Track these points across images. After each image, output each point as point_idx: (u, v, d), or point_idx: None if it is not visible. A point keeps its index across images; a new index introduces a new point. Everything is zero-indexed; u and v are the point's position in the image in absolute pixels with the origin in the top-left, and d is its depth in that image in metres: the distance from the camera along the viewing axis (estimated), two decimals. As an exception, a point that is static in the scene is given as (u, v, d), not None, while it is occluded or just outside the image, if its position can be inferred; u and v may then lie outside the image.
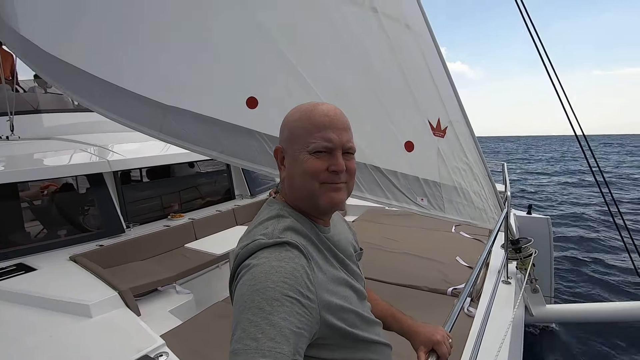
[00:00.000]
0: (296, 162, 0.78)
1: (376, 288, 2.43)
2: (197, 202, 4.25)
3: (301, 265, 0.68)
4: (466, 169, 2.20)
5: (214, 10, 1.89)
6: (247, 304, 0.61)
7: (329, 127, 0.77)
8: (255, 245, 0.70)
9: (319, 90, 1.92)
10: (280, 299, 0.61)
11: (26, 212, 3.21)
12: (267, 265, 0.65)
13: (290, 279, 0.64)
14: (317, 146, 0.76)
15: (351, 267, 0.86)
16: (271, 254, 0.68)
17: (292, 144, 0.79)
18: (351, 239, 0.97)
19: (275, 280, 0.63)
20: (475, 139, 2.26)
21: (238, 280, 0.68)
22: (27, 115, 3.95)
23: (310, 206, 0.80)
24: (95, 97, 2.07)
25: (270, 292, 0.61)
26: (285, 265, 0.66)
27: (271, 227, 0.74)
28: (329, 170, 0.77)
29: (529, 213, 4.14)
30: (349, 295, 0.79)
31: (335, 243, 0.84)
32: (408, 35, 2.06)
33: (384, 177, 2.03)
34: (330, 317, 0.71)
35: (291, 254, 0.69)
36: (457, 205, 2.14)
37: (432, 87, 2.12)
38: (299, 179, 0.78)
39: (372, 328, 0.85)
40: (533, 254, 2.27)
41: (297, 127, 0.78)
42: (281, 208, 0.80)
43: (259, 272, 0.64)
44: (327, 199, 0.78)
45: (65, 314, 1.94)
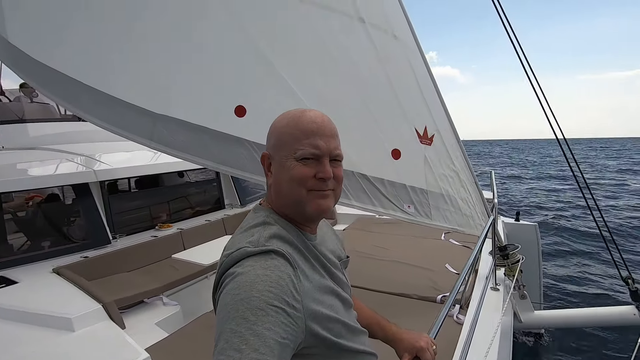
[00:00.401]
0: (283, 168, 0.77)
1: (366, 296, 2.44)
2: (186, 212, 4.20)
3: (287, 273, 0.67)
4: (453, 176, 2.22)
5: (203, 21, 1.90)
6: (230, 314, 0.59)
7: (317, 133, 0.76)
8: (240, 254, 0.69)
9: (306, 99, 1.93)
10: (265, 308, 0.59)
11: (9, 223, 3.14)
12: (252, 273, 0.64)
13: (276, 287, 0.63)
14: (305, 153, 0.75)
15: (337, 275, 0.85)
16: (256, 262, 0.67)
17: (279, 150, 0.78)
18: (337, 246, 0.97)
19: (260, 289, 0.61)
20: (461, 147, 2.29)
21: (222, 289, 0.66)
22: (11, 124, 3.88)
23: (297, 213, 0.79)
24: (85, 104, 2.05)
25: (254, 302, 0.60)
26: (270, 273, 0.65)
27: (257, 235, 0.73)
28: (317, 178, 0.76)
29: (517, 220, 4.18)
30: (335, 304, 0.78)
31: (321, 251, 0.83)
32: (395, 45, 2.10)
33: (371, 184, 2.04)
34: (316, 327, 0.70)
35: (277, 262, 0.68)
36: (444, 212, 2.16)
37: (419, 96, 2.15)
38: (285, 186, 0.77)
39: (358, 338, 0.84)
40: (520, 260, 2.29)
41: (285, 134, 0.78)
42: (267, 215, 0.79)
43: (243, 280, 0.63)
44: (315, 206, 0.77)
45: (46, 328, 1.89)
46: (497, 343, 1.61)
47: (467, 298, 2.16)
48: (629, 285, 2.43)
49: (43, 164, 3.34)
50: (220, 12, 1.88)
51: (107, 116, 2.02)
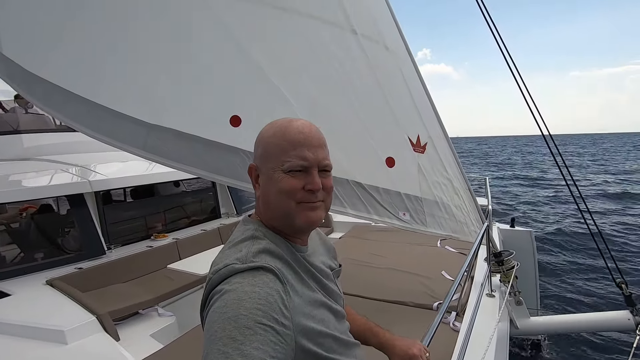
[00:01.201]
0: (271, 180, 0.76)
1: (362, 304, 2.44)
2: (181, 222, 4.19)
3: (276, 290, 0.66)
4: (447, 183, 2.24)
5: (197, 32, 1.92)
6: (217, 333, 0.58)
7: (304, 144, 0.75)
8: (227, 271, 0.67)
9: (300, 108, 1.96)
10: (253, 327, 0.58)
11: (2, 235, 3.11)
12: (240, 291, 0.63)
13: (264, 305, 0.62)
14: (293, 165, 0.74)
15: (329, 286, 0.84)
16: (244, 279, 0.65)
17: (267, 162, 0.77)
18: (329, 256, 0.97)
19: (248, 307, 0.60)
20: (455, 154, 2.32)
21: (209, 307, 0.65)
22: (6, 135, 3.87)
23: (286, 226, 0.78)
24: (76, 114, 2.05)
25: (242, 320, 0.58)
26: (259, 290, 0.64)
27: (245, 250, 0.72)
28: (305, 189, 0.75)
29: (512, 226, 4.20)
30: (327, 318, 0.77)
31: (312, 263, 0.82)
32: (387, 55, 2.13)
33: (366, 192, 2.05)
34: (306, 343, 0.69)
35: (265, 279, 0.66)
36: (438, 220, 2.17)
37: (411, 105, 2.18)
38: (274, 198, 0.76)
39: (350, 350, 0.83)
40: (515, 267, 2.30)
41: (272, 145, 0.77)
42: (256, 228, 0.78)
43: (231, 298, 0.62)
44: (304, 218, 0.76)
45: (39, 341, 1.87)
46: (493, 349, 1.61)
47: (463, 305, 2.16)
48: (622, 290, 2.44)
49: (38, 175, 3.33)
50: (214, 25, 1.91)
51: (98, 126, 2.02)
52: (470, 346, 1.58)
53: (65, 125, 4.56)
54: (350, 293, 2.60)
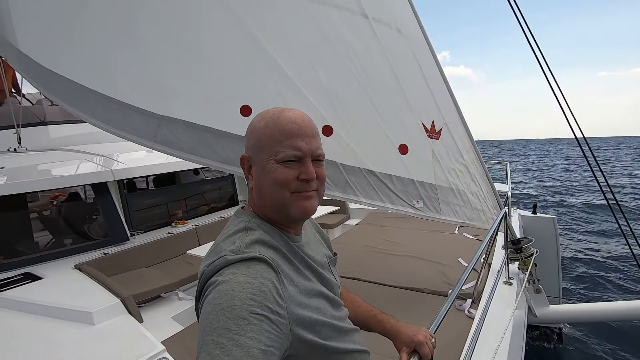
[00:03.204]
0: (264, 171, 0.76)
1: (377, 291, 2.45)
2: (201, 209, 4.29)
3: (269, 279, 0.66)
4: (463, 169, 2.19)
5: (207, 22, 1.92)
6: (212, 324, 0.58)
7: (297, 134, 0.75)
8: (221, 262, 0.67)
9: (311, 96, 1.94)
10: (247, 317, 0.58)
11: (34, 222, 3.28)
12: (234, 282, 0.63)
13: (258, 295, 0.62)
14: (286, 155, 0.74)
15: (324, 275, 0.84)
16: (238, 270, 0.65)
17: (260, 153, 0.77)
18: (324, 245, 0.97)
19: (242, 297, 0.60)
20: (472, 140, 2.26)
21: (204, 299, 0.65)
22: (34, 127, 4.04)
23: (281, 216, 0.79)
24: (90, 109, 2.12)
25: (237, 311, 0.58)
26: (252, 280, 0.64)
27: (238, 242, 0.72)
28: (299, 179, 0.75)
29: (534, 213, 4.09)
30: (322, 307, 0.77)
31: (307, 252, 0.82)
32: (400, 39, 2.07)
33: (378, 180, 2.04)
34: (302, 332, 0.69)
35: (259, 268, 0.67)
36: (453, 207, 2.14)
37: (425, 90, 2.12)
38: (268, 189, 0.76)
39: (348, 337, 0.84)
40: (534, 254, 2.24)
41: (265, 135, 0.76)
42: (249, 220, 0.78)
43: (225, 289, 0.62)
44: (299, 207, 0.76)
45: (68, 322, 1.98)
46: (508, 337, 1.60)
47: (479, 292, 2.14)
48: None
49: (64, 165, 3.47)
50: (224, 14, 1.90)
51: (110, 118, 2.08)
52: (485, 333, 1.57)
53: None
54: (366, 279, 2.61)
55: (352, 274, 2.67)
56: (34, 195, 4.05)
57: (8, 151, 3.77)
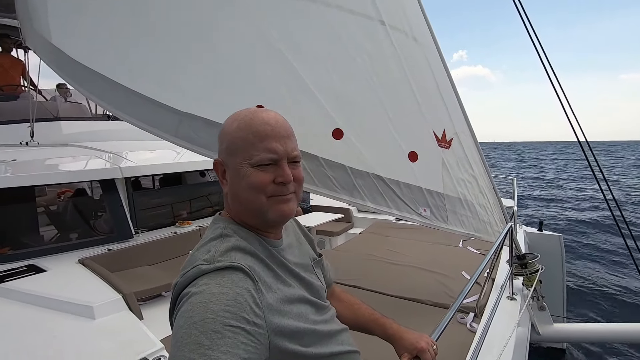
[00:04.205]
0: (239, 176, 0.73)
1: (378, 300, 2.43)
2: (205, 211, 4.30)
3: (246, 288, 0.63)
4: (472, 181, 2.19)
5: (226, 27, 1.96)
6: (184, 339, 0.55)
7: (272, 136, 0.73)
8: (194, 272, 0.65)
9: (323, 99, 1.96)
10: (220, 330, 0.56)
11: (41, 215, 3.31)
12: (207, 293, 0.60)
13: (233, 306, 0.59)
14: (261, 159, 0.72)
15: (307, 279, 0.82)
16: (212, 280, 0.62)
17: (233, 157, 0.74)
18: (307, 247, 0.95)
19: (215, 309, 0.58)
20: (480, 152, 2.26)
21: (177, 312, 0.62)
22: (46, 122, 4.10)
23: (258, 221, 0.76)
24: (118, 103, 2.17)
25: (209, 324, 0.56)
26: (227, 291, 0.61)
27: (213, 250, 0.69)
28: (276, 182, 0.73)
29: (540, 230, 4.04)
30: (304, 312, 0.75)
31: (287, 256, 0.80)
32: (415, 47, 2.09)
33: (386, 186, 2.03)
34: (282, 341, 0.67)
35: (234, 277, 0.64)
36: (460, 217, 2.12)
37: (438, 99, 2.14)
38: (244, 194, 0.74)
39: (334, 339, 0.82)
40: (540, 270, 2.21)
41: (237, 138, 0.74)
42: (225, 226, 0.75)
43: (197, 301, 0.59)
44: (277, 211, 0.74)
45: (69, 315, 1.98)
46: (510, 352, 1.57)
47: (482, 306, 2.11)
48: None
49: (73, 160, 3.51)
50: (242, 18, 1.94)
51: (135, 112, 2.12)
52: (486, 348, 1.55)
53: (101, 113, 4.81)
54: (367, 288, 2.59)
55: (353, 282, 2.65)
56: (43, 189, 4.10)
57: (20, 144, 3.82)
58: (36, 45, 2.47)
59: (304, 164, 1.99)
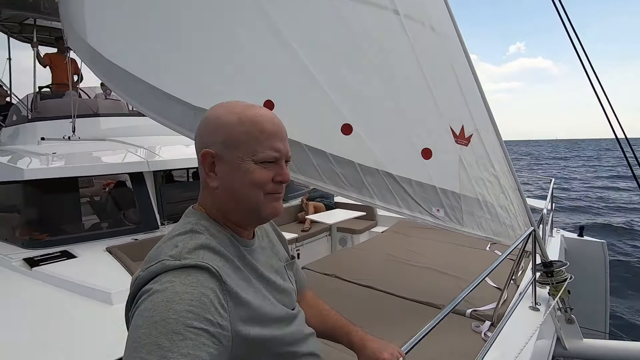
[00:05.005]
0: (239, 171, 0.72)
1: (389, 302, 2.35)
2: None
3: (211, 289, 0.61)
4: (493, 180, 2.05)
5: (238, 23, 1.97)
6: (142, 340, 0.53)
7: (277, 136, 0.74)
8: (158, 267, 0.62)
9: (331, 93, 1.90)
10: (182, 331, 0.54)
11: (86, 205, 3.55)
12: (171, 291, 0.58)
13: (197, 306, 0.57)
14: (267, 156, 0.72)
15: (276, 283, 0.81)
16: (176, 278, 0.60)
17: (233, 151, 0.72)
18: (281, 248, 0.94)
19: (178, 309, 0.55)
20: (504, 150, 2.10)
21: (135, 309, 0.59)
22: (87, 118, 4.37)
23: (249, 217, 0.76)
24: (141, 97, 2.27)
25: (171, 325, 0.54)
26: (192, 290, 0.59)
27: (181, 245, 0.67)
28: (275, 181, 0.74)
29: (581, 235, 3.73)
30: (269, 317, 0.74)
31: (258, 257, 0.79)
32: (433, 37, 1.99)
33: (397, 184, 1.95)
34: (245, 344, 0.65)
35: (200, 277, 0.61)
36: (478, 219, 1.99)
37: (457, 93, 2.01)
38: (244, 190, 0.73)
39: (299, 344, 0.80)
40: (568, 280, 2.03)
41: (240, 132, 0.72)
42: (196, 222, 0.73)
43: (159, 300, 0.57)
44: (271, 209, 0.76)
45: (89, 299, 2.10)
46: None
47: (500, 315, 1.98)
48: None
49: (107, 154, 3.72)
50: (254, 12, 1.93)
51: (154, 106, 2.20)
52: (496, 358, 1.44)
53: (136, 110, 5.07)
54: (380, 289, 2.52)
55: (367, 282, 2.59)
56: (90, 180, 4.37)
57: (63, 139, 4.11)
58: (75, 45, 2.62)
59: (311, 159, 1.96)
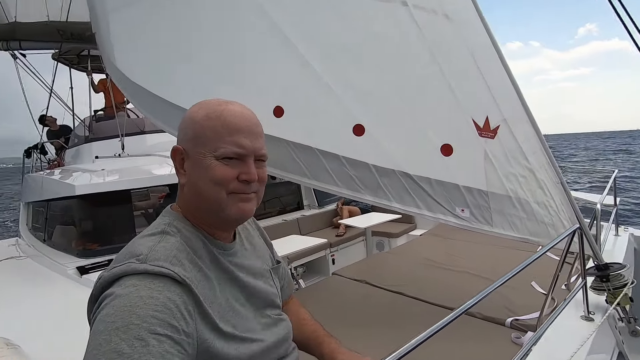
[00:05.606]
0: (200, 167, 0.70)
1: (420, 309, 2.20)
2: (266, 211, 4.48)
3: (178, 293, 0.60)
4: (526, 174, 1.84)
5: (244, 31, 1.99)
6: (102, 347, 0.51)
7: (242, 131, 0.71)
8: (123, 269, 0.60)
9: (340, 92, 1.84)
10: (145, 337, 0.52)
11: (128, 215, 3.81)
12: (135, 295, 0.56)
13: (162, 312, 0.56)
14: (227, 152, 0.69)
15: (255, 288, 0.77)
16: (141, 282, 0.58)
17: (197, 147, 0.71)
18: (266, 252, 0.90)
19: (141, 314, 0.54)
20: (542, 139, 1.88)
21: (97, 313, 0.57)
22: (135, 136, 4.72)
23: (215, 218, 0.73)
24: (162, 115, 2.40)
25: (133, 331, 0.52)
26: (157, 295, 0.57)
27: (149, 248, 0.65)
28: (239, 179, 0.70)
29: (656, 233, 3.23)
30: (240, 322, 0.70)
31: (236, 260, 0.76)
32: (447, 26, 1.84)
33: (415, 184, 1.82)
34: (212, 352, 0.62)
35: (167, 282, 0.60)
36: (510, 218, 1.79)
37: (478, 82, 1.84)
38: (203, 187, 0.71)
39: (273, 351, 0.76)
40: (629, 285, 1.75)
41: (205, 128, 0.71)
42: (170, 222, 0.72)
43: (122, 305, 0.55)
44: (236, 210, 0.71)
45: None
46: None
47: (541, 320, 1.76)
48: None
49: (153, 167, 3.97)
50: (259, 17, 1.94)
51: (175, 124, 2.30)
52: None
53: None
54: (411, 295, 2.38)
55: (398, 288, 2.45)
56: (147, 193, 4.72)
57: (114, 156, 4.47)
58: (109, 69, 2.86)
59: (324, 163, 1.90)
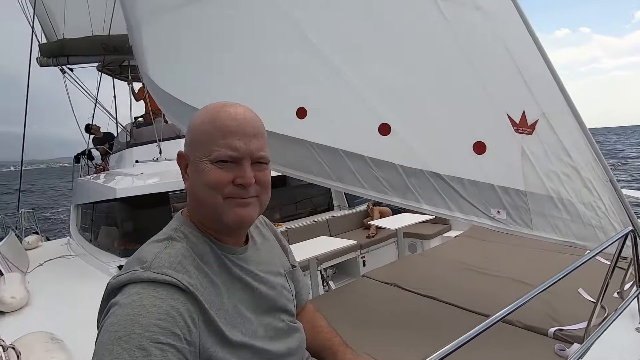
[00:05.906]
0: (197, 171, 0.70)
1: (454, 316, 2.10)
2: (298, 212, 4.49)
3: (182, 301, 0.59)
4: (570, 172, 1.69)
5: (268, 31, 2.00)
6: (104, 358, 0.51)
7: (235, 133, 0.68)
8: (127, 277, 0.60)
9: (366, 92, 1.79)
10: (147, 347, 0.52)
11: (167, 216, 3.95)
12: (138, 304, 0.56)
13: (165, 320, 0.55)
14: (220, 155, 0.67)
15: (266, 293, 0.75)
16: (144, 290, 0.58)
17: (195, 151, 0.71)
18: (281, 255, 0.88)
19: (144, 324, 0.53)
20: (587, 134, 1.72)
21: (103, 323, 0.58)
22: (171, 140, 4.91)
23: (215, 223, 0.71)
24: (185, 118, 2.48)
25: (135, 340, 0.52)
26: (160, 303, 0.57)
27: (155, 255, 0.65)
28: (235, 183, 0.68)
29: None
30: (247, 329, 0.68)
31: (247, 266, 0.74)
32: (477, 18, 1.74)
33: (446, 184, 1.73)
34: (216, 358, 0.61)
35: (170, 290, 0.59)
36: (553, 220, 1.65)
37: (513, 75, 1.72)
38: (200, 191, 0.70)
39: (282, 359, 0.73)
40: (692, 295, 1.57)
41: (201, 132, 0.70)
42: (177, 228, 0.72)
43: (125, 314, 0.55)
44: (232, 215, 0.69)
45: None
46: None
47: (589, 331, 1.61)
48: None
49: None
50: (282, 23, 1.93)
51: None
52: None
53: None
54: (445, 301, 2.27)
55: (431, 293, 2.35)
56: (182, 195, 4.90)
57: (152, 160, 4.67)
58: (144, 78, 2.99)
59: (349, 164, 1.86)
